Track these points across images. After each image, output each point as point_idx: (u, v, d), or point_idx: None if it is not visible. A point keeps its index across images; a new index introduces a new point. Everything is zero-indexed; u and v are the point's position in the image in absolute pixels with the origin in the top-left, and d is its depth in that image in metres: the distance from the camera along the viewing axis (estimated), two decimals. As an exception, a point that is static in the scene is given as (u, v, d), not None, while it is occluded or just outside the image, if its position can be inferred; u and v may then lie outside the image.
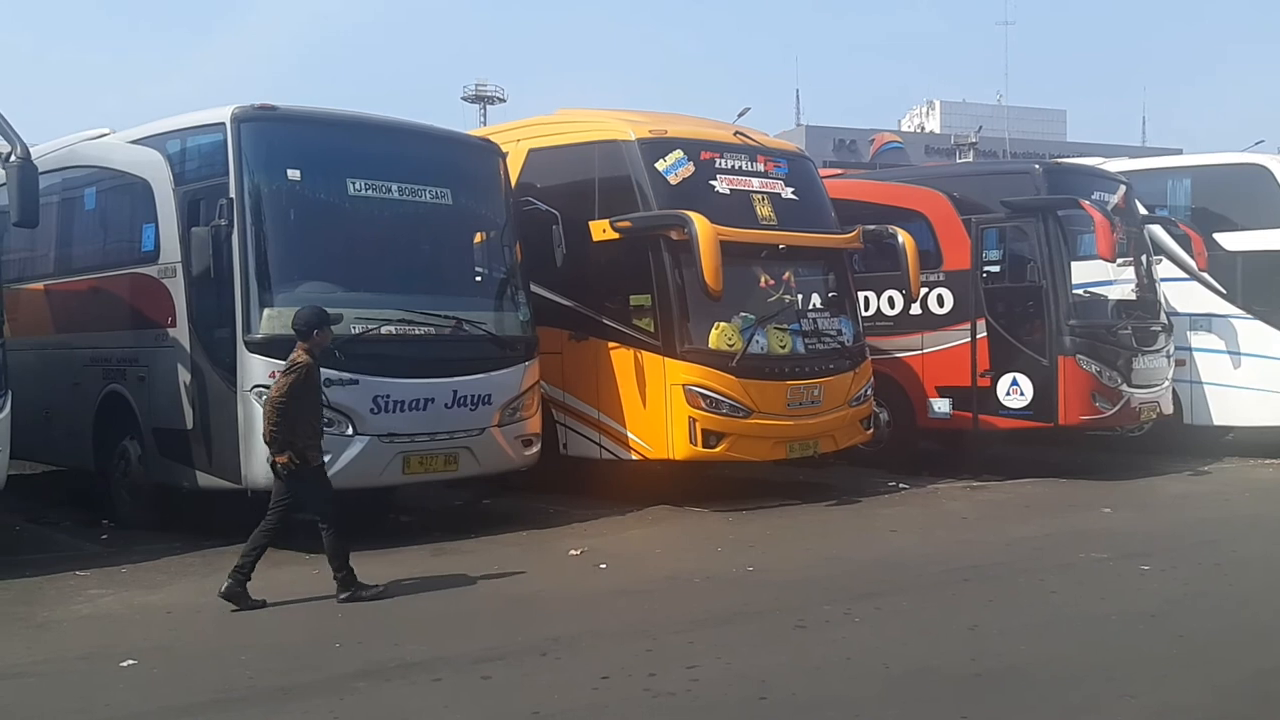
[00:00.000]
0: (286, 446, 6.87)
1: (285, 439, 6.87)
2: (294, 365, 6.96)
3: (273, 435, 6.87)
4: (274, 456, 6.95)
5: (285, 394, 6.84)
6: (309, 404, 6.99)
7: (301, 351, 7.06)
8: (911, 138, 54.90)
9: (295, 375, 6.90)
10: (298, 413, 6.89)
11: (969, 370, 11.89)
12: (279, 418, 6.83)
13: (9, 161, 7.78)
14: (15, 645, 6.19)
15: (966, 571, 7.90)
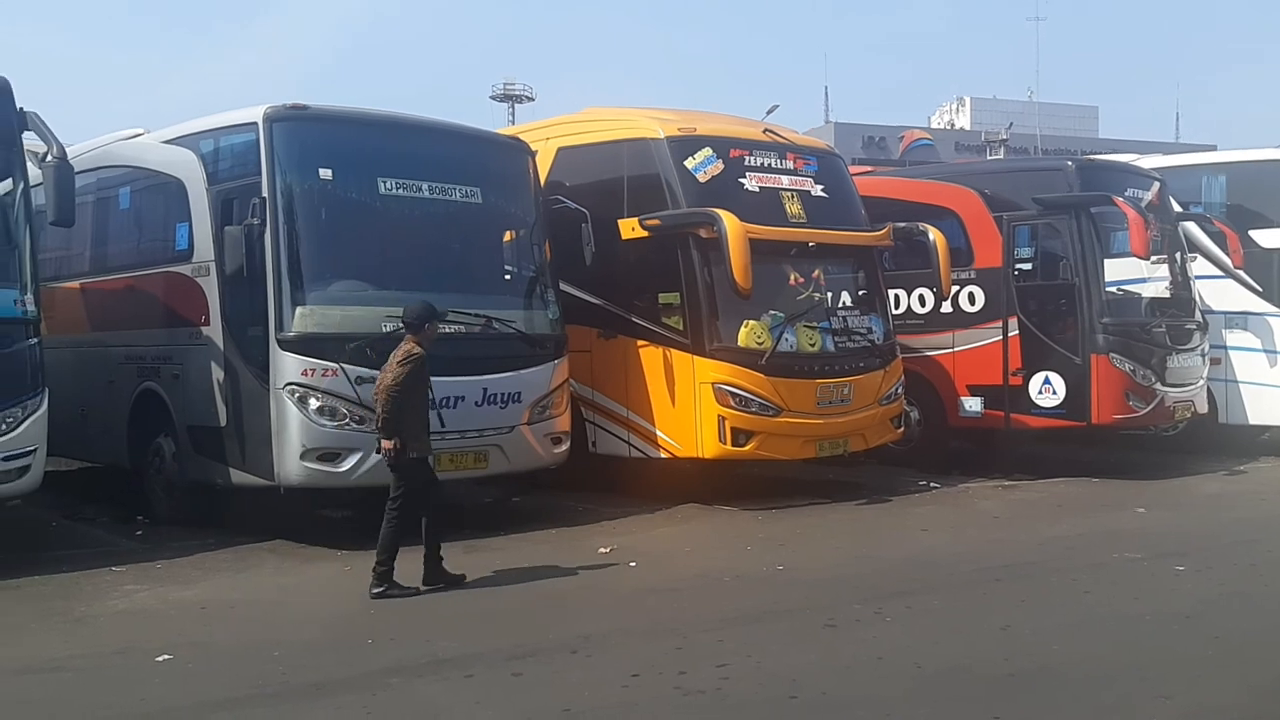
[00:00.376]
0: (393, 434, 7.06)
1: (393, 427, 7.04)
2: (410, 356, 7.14)
3: (383, 422, 7.07)
4: (381, 443, 7.15)
5: (400, 384, 7.03)
6: (418, 396, 7.18)
7: (413, 343, 7.24)
8: (941, 134, 54.59)
9: (410, 366, 7.09)
10: (406, 403, 7.08)
11: (1000, 369, 11.80)
12: (391, 406, 7.03)
13: (46, 161, 7.88)
14: (53, 639, 6.26)
15: (998, 571, 7.85)
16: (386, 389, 7.06)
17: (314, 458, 8.27)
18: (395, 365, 7.14)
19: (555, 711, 5.05)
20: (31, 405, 7.71)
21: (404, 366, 7.09)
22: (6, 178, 7.90)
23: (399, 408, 7.05)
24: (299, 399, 8.22)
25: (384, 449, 7.15)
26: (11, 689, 5.44)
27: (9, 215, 7.88)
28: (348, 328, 8.45)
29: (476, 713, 5.12)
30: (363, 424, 8.38)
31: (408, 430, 7.12)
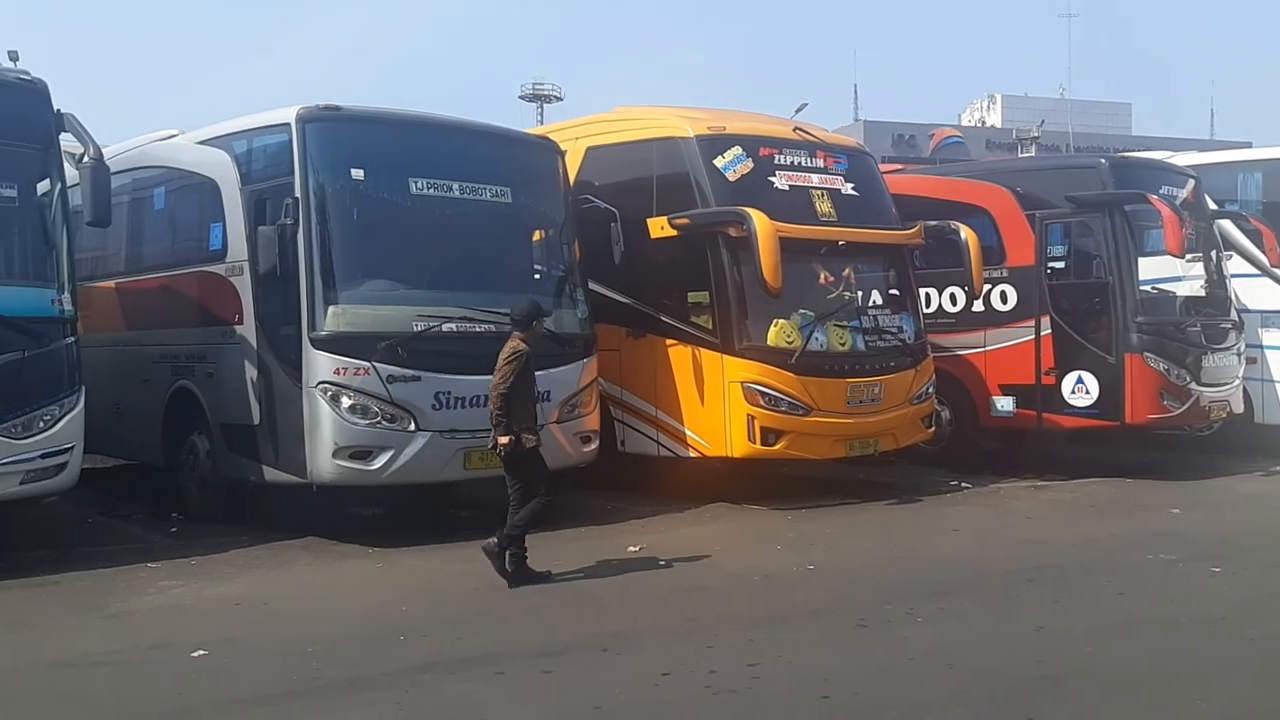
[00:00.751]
0: (508, 430, 7.29)
1: (507, 423, 7.28)
2: (515, 354, 7.37)
3: (497, 419, 7.31)
4: (497, 439, 7.35)
5: (509, 381, 7.28)
6: (525, 390, 7.43)
7: (519, 341, 7.48)
8: (972, 132, 54.14)
9: (516, 363, 7.33)
10: (516, 398, 7.31)
11: (1033, 368, 11.71)
12: (501, 403, 7.27)
13: (83, 162, 7.96)
14: (91, 635, 6.34)
15: (1031, 572, 7.79)
16: (496, 386, 7.33)
17: (346, 456, 8.32)
18: (503, 363, 7.38)
19: (586, 709, 5.06)
20: (68, 403, 7.80)
21: (510, 364, 7.35)
22: (44, 178, 7.97)
23: (510, 404, 7.30)
24: (331, 397, 8.28)
25: (500, 444, 7.35)
26: (50, 683, 5.52)
27: (47, 216, 7.95)
28: (379, 327, 8.51)
29: (508, 710, 5.14)
30: (394, 422, 8.44)
31: (520, 424, 7.37)
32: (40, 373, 7.68)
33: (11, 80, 7.94)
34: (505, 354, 7.41)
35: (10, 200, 7.91)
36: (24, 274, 8.08)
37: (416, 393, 8.50)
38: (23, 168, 7.91)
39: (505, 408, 7.30)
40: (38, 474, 7.65)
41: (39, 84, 7.98)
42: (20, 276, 8.07)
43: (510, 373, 7.31)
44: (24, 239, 8.08)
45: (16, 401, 7.53)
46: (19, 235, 8.09)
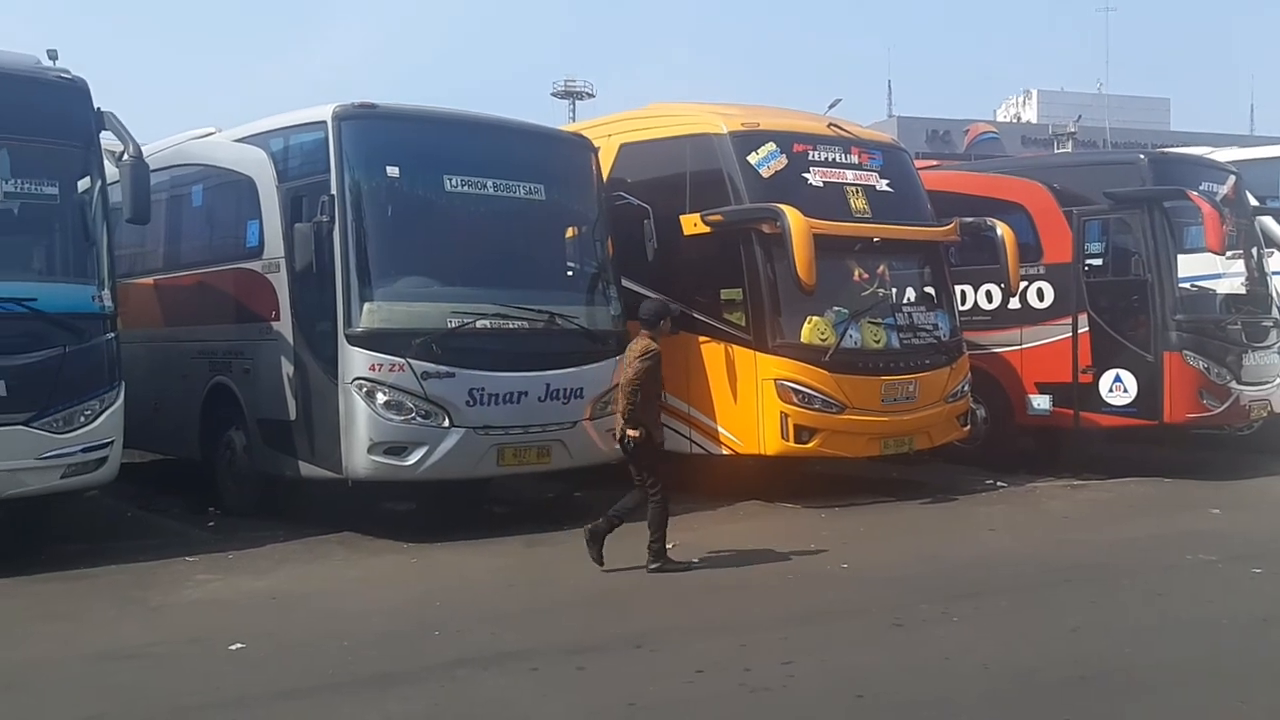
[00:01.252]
0: (638, 424, 7.52)
1: (637, 417, 7.51)
2: (647, 352, 7.61)
3: (628, 413, 7.52)
4: (626, 432, 7.55)
5: (640, 378, 7.51)
6: (654, 387, 7.70)
7: (649, 339, 7.72)
8: (1007, 128, 53.66)
9: (649, 362, 7.56)
10: (646, 395, 7.55)
11: (1070, 366, 11.59)
12: (633, 398, 7.50)
13: (122, 160, 8.05)
14: (130, 627, 6.42)
15: (1068, 572, 7.73)
16: (629, 382, 7.55)
17: (381, 451, 8.37)
18: (634, 360, 7.58)
19: (620, 706, 5.07)
20: (108, 399, 7.88)
21: (643, 362, 7.56)
22: (85, 176, 8.05)
23: (640, 399, 7.53)
24: (367, 393, 8.33)
25: (630, 438, 7.55)
26: (92, 675, 5.59)
27: (87, 213, 8.04)
28: (414, 323, 8.54)
29: (542, 706, 5.15)
30: (428, 418, 8.48)
31: (649, 419, 7.60)
32: (81, 368, 7.76)
33: (53, 79, 8.02)
34: (637, 351, 7.65)
35: (52, 198, 7.99)
36: (65, 271, 8.17)
37: (450, 389, 8.53)
38: (64, 166, 8.00)
39: (635, 402, 7.52)
40: (78, 468, 7.73)
41: (79, 82, 8.06)
42: (62, 273, 8.16)
43: (642, 370, 7.55)
44: (65, 236, 8.17)
45: (58, 396, 7.61)
46: (60, 232, 8.18)
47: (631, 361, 7.63)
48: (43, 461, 7.55)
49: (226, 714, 4.98)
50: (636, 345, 7.73)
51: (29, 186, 7.92)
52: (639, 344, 7.73)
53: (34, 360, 7.55)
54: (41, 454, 7.54)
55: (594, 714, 5.02)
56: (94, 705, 5.09)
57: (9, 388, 7.42)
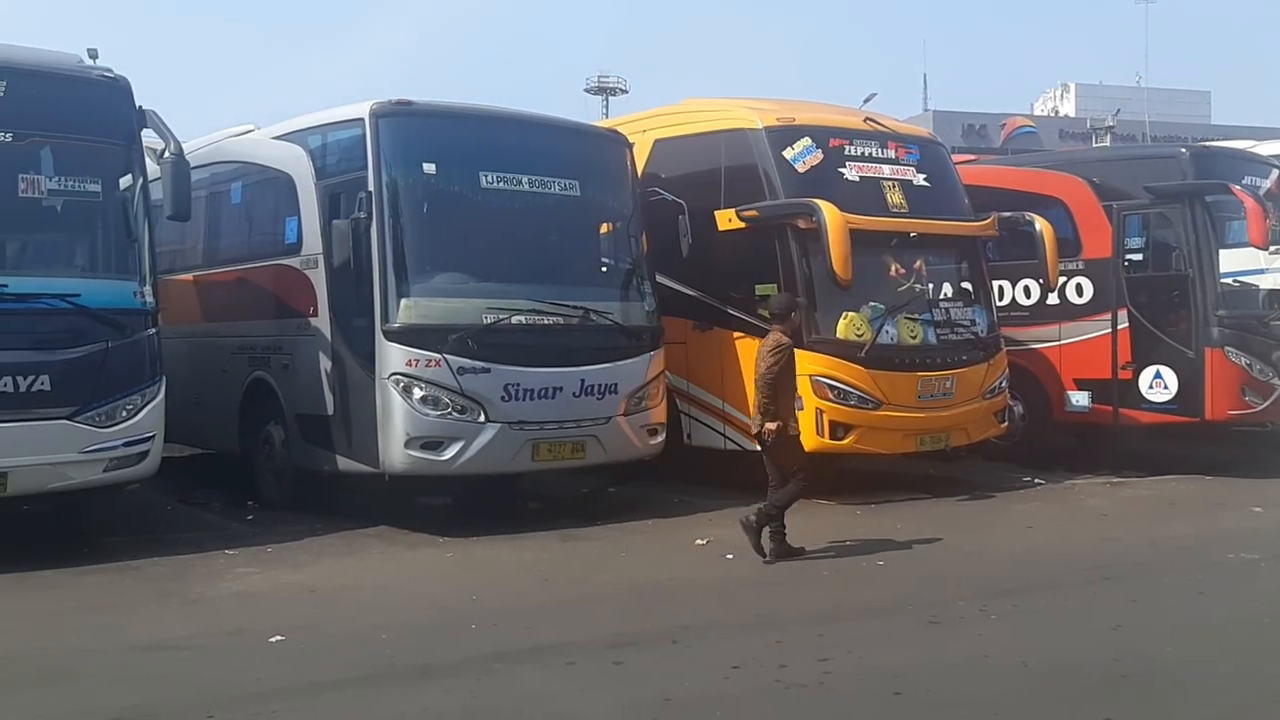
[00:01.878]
0: (774, 417, 7.67)
1: (772, 411, 7.66)
2: (779, 346, 7.78)
3: (765, 407, 7.69)
4: (763, 426, 7.72)
5: (774, 372, 7.68)
6: (788, 381, 7.83)
7: (780, 333, 7.89)
8: (1045, 122, 53.16)
9: (781, 356, 7.73)
10: (780, 388, 7.71)
11: (1109, 362, 11.48)
12: (768, 391, 7.67)
13: (163, 158, 8.12)
14: (171, 619, 6.50)
15: (1108, 570, 7.65)
16: (763, 377, 7.69)
17: (418, 446, 8.43)
18: (767, 355, 7.74)
19: (657, 701, 5.07)
20: (150, 393, 7.97)
21: (775, 356, 7.72)
22: (126, 174, 8.13)
23: (775, 393, 7.67)
24: (403, 389, 8.38)
25: (766, 431, 7.71)
26: (135, 666, 5.66)
27: (129, 210, 8.11)
28: (450, 319, 8.60)
29: (579, 700, 5.16)
30: (464, 413, 8.53)
31: (784, 412, 7.75)
32: (123, 363, 7.85)
33: (96, 78, 8.11)
34: (769, 346, 7.79)
35: (94, 195, 8.07)
36: (108, 267, 8.26)
37: (486, 384, 8.58)
38: (106, 163, 8.07)
39: (770, 396, 7.65)
40: (120, 462, 7.82)
41: (122, 81, 8.15)
42: (104, 269, 8.25)
43: (775, 364, 7.68)
44: (108, 233, 8.25)
45: (100, 391, 7.70)
46: (103, 229, 8.26)
47: (764, 356, 7.76)
48: (86, 455, 7.65)
49: (267, 705, 5.02)
50: (769, 340, 7.87)
51: (72, 184, 7.99)
52: (771, 338, 7.87)
53: (77, 355, 7.65)
54: (84, 448, 7.64)
55: (631, 708, 5.02)
56: (136, 695, 5.15)
57: (53, 382, 7.52)
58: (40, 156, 7.91)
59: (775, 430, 7.70)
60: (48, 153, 7.94)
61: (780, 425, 7.71)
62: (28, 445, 7.42)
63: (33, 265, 8.25)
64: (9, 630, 6.24)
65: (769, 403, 7.70)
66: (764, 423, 7.73)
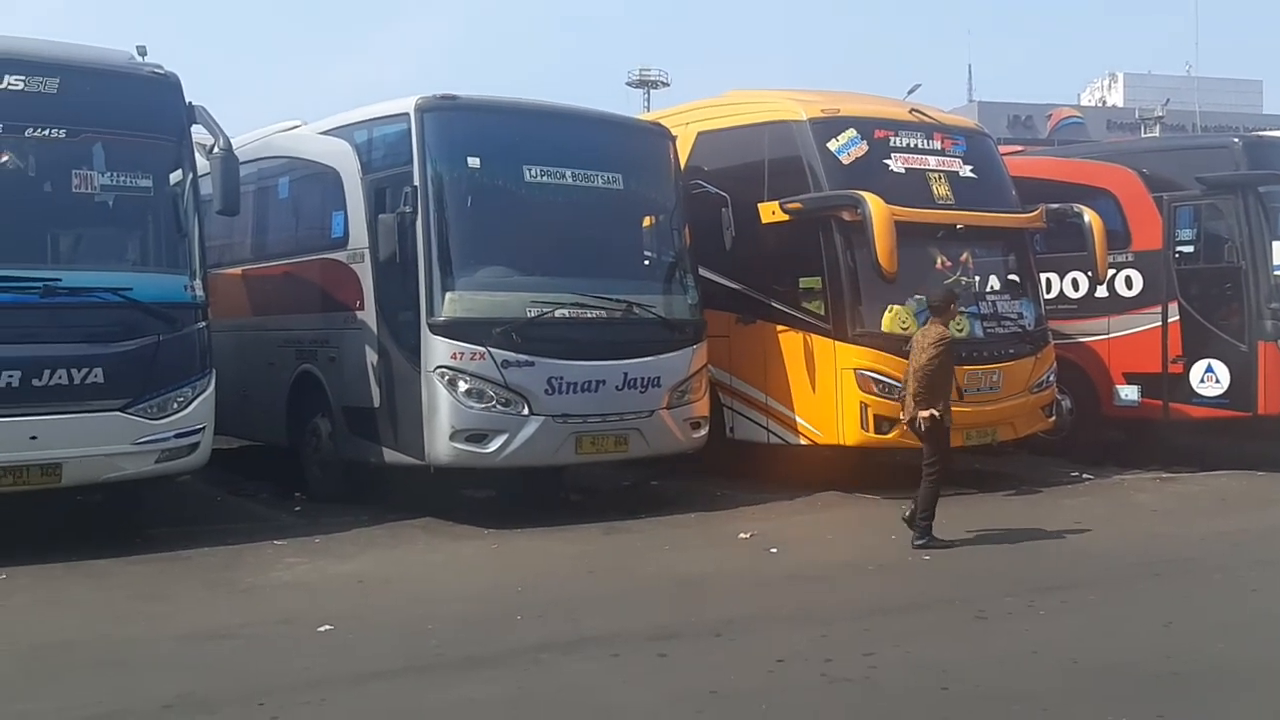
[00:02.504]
0: (930, 406, 7.90)
1: (928, 400, 7.88)
2: (941, 340, 7.95)
3: (921, 396, 7.89)
4: (918, 414, 7.93)
5: (935, 364, 7.85)
6: (947, 372, 8.02)
7: (940, 325, 8.09)
8: (1092, 112, 52.41)
9: (942, 349, 7.90)
10: (938, 379, 7.91)
11: (1159, 356, 11.32)
12: (926, 382, 7.86)
13: (213, 153, 8.22)
14: (222, 608, 6.59)
15: (1158, 566, 7.55)
16: (921, 368, 7.87)
17: (463, 439, 8.48)
18: (929, 347, 7.90)
19: (702, 693, 5.07)
20: (200, 386, 8.07)
21: (937, 349, 7.87)
22: (177, 169, 8.23)
23: (933, 384, 7.86)
24: (448, 381, 8.44)
25: (922, 419, 7.92)
26: (186, 654, 5.75)
27: (179, 205, 8.21)
28: (494, 313, 8.64)
29: (625, 692, 5.17)
30: (508, 406, 8.57)
31: (941, 402, 7.94)
32: (174, 356, 7.96)
33: (146, 74, 8.21)
34: (932, 338, 7.93)
35: (146, 190, 8.18)
36: (159, 261, 8.39)
37: (530, 377, 8.61)
38: (157, 159, 8.17)
39: (929, 386, 7.83)
40: (171, 453, 7.94)
41: (172, 77, 8.25)
42: (155, 264, 8.38)
43: (936, 355, 7.84)
44: (159, 228, 8.36)
45: (152, 383, 7.82)
46: (154, 224, 8.37)
47: (925, 348, 7.89)
48: (138, 446, 7.78)
49: (316, 693, 5.09)
50: (930, 332, 8.01)
51: (124, 180, 8.10)
52: (933, 331, 8.01)
53: (130, 348, 7.77)
54: (137, 439, 7.76)
55: (676, 701, 5.02)
56: (188, 683, 5.23)
57: (106, 375, 7.65)
58: (93, 152, 8.04)
59: (930, 418, 7.87)
60: (100, 149, 8.06)
61: (936, 414, 7.89)
62: (82, 436, 7.55)
63: (86, 260, 8.43)
64: (64, 618, 6.37)
65: (925, 392, 7.86)
66: (918, 411, 7.91)
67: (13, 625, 6.21)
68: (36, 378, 7.42)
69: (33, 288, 7.48)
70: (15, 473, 7.41)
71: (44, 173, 7.98)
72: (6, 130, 7.64)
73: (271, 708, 4.90)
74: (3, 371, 7.32)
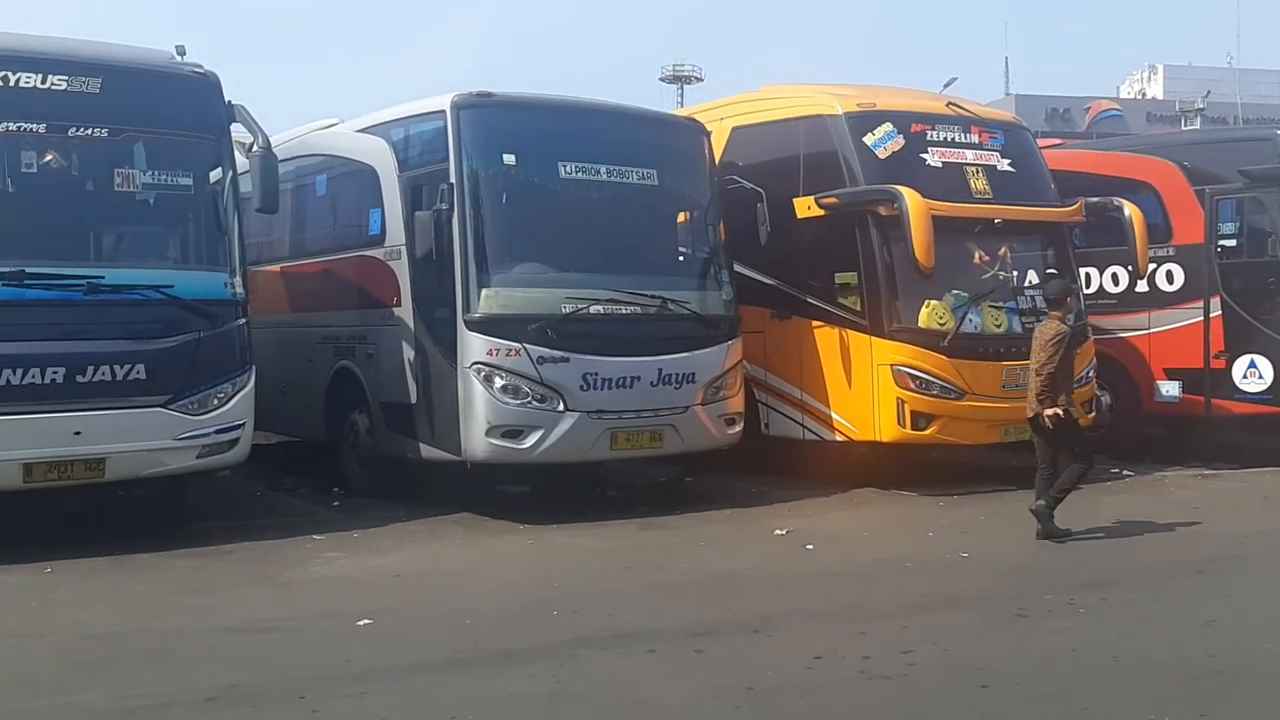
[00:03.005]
0: (1054, 402, 7.94)
1: (1052, 397, 7.93)
2: (1058, 335, 8.00)
3: (1043, 394, 7.94)
4: (1043, 413, 7.98)
5: (1055, 361, 7.92)
6: (1067, 367, 8.13)
7: (1058, 320, 8.13)
8: (1131, 105, 51.68)
9: (1060, 344, 7.96)
10: (1061, 375, 7.98)
11: (1201, 351, 11.16)
12: (1049, 379, 7.93)
13: (252, 151, 8.31)
14: (263, 602, 6.66)
15: (1200, 564, 7.46)
16: (1042, 365, 7.93)
17: (499, 434, 8.51)
18: (1048, 344, 7.97)
19: (739, 689, 5.07)
20: (240, 382, 8.15)
21: (1055, 346, 7.94)
22: (216, 167, 8.31)
23: (1055, 380, 7.93)
24: (484, 378, 8.47)
25: (1047, 418, 7.96)
26: (230, 647, 5.82)
27: (219, 203, 8.29)
28: (530, 309, 8.67)
29: (662, 687, 5.18)
30: (544, 402, 8.60)
31: (1065, 397, 8.00)
32: (215, 353, 8.04)
33: (187, 74, 8.29)
34: (1049, 336, 8.00)
35: (186, 189, 8.27)
36: (199, 259, 8.48)
37: (565, 373, 8.63)
38: (197, 157, 8.26)
39: (1052, 383, 7.89)
40: (212, 449, 8.02)
41: (211, 77, 8.32)
42: (196, 261, 8.47)
43: (1055, 352, 7.89)
44: (199, 225, 8.44)
45: (194, 380, 7.91)
46: (194, 222, 8.46)
47: (1044, 344, 7.96)
48: (180, 442, 7.87)
49: (356, 686, 5.13)
50: (1048, 328, 8.06)
51: (165, 178, 8.20)
52: (1050, 327, 8.06)
53: (171, 345, 7.86)
54: (178, 435, 7.86)
55: (713, 696, 5.02)
56: (232, 675, 5.29)
57: (148, 371, 7.74)
58: (134, 151, 8.14)
59: (1055, 416, 7.89)
60: (141, 148, 8.16)
61: (1063, 411, 7.91)
62: (125, 432, 7.65)
63: (128, 258, 8.52)
64: (111, 611, 6.46)
65: (1048, 389, 7.89)
66: (1042, 409, 7.93)
67: (60, 618, 6.30)
68: (80, 374, 7.52)
69: (76, 285, 7.59)
70: (60, 468, 7.52)
71: (87, 172, 8.09)
72: (50, 130, 7.74)
73: (312, 700, 4.95)
74: (47, 368, 7.43)
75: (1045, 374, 7.91)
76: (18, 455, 7.36)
